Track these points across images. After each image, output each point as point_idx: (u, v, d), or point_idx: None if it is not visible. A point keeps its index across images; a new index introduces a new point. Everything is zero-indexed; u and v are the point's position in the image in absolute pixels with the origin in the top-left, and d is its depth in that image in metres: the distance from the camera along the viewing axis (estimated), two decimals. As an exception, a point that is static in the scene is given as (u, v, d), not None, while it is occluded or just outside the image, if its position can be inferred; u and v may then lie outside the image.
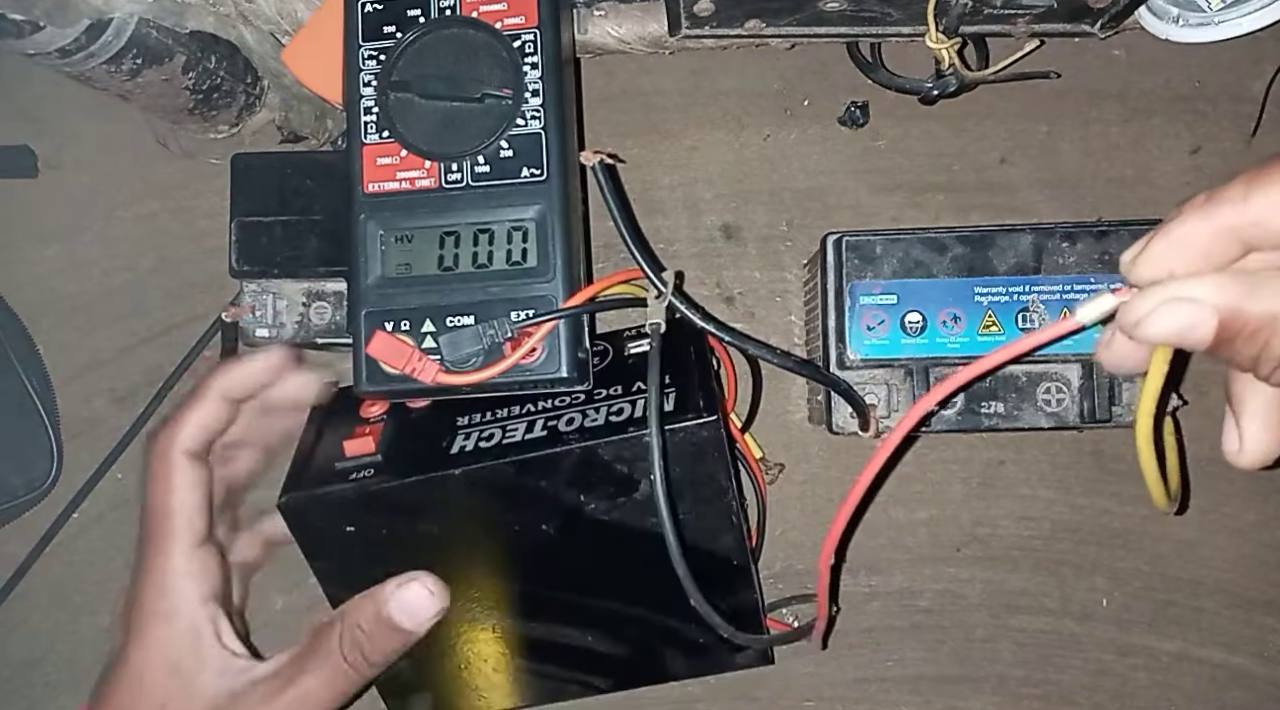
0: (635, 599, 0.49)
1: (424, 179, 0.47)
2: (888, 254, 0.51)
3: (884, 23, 0.52)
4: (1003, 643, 0.60)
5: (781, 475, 0.59)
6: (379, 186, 0.47)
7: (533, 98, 0.46)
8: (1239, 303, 0.26)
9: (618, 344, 0.52)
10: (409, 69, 0.47)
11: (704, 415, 0.43)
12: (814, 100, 0.62)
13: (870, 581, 0.60)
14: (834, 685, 0.60)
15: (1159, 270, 0.27)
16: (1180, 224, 0.27)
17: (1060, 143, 0.61)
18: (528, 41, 0.47)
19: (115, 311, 0.64)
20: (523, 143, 0.46)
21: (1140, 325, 0.27)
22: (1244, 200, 0.26)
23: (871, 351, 0.51)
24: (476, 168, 0.47)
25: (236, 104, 0.58)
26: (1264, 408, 0.29)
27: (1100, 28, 0.52)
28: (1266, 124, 0.60)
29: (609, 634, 0.51)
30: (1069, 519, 0.60)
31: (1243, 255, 0.27)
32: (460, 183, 0.47)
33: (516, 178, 0.46)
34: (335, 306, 0.55)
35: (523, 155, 0.47)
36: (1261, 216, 0.26)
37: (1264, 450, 0.30)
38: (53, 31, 0.46)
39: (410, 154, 0.47)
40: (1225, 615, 0.59)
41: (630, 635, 0.51)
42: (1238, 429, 0.30)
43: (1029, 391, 0.51)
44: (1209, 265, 0.27)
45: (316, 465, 0.46)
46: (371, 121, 0.47)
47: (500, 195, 0.46)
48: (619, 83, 0.63)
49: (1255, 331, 0.26)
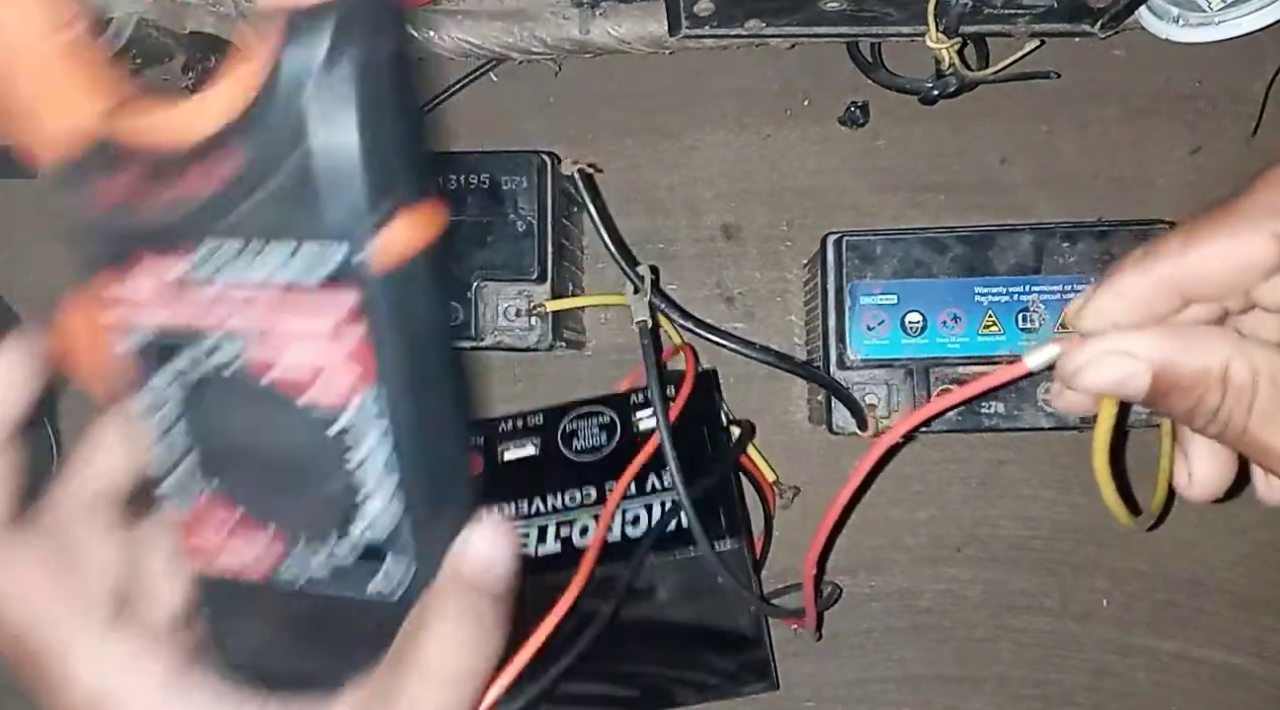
0: (650, 661, 0.50)
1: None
2: (888, 254, 0.51)
3: (884, 22, 0.51)
4: (1003, 643, 0.60)
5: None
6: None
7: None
8: (1173, 357, 0.26)
9: (624, 413, 0.49)
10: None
11: (726, 537, 0.43)
12: (814, 100, 0.62)
13: (870, 581, 0.60)
14: (834, 685, 0.60)
15: (1100, 322, 0.28)
16: (1121, 277, 0.27)
17: (1060, 143, 0.61)
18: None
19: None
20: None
21: (1077, 375, 0.27)
22: (1180, 254, 0.27)
23: (872, 351, 0.51)
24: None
25: (236, 104, 0.58)
26: (1209, 446, 0.30)
27: (1100, 27, 0.52)
28: (1267, 124, 0.60)
29: (621, 683, 0.51)
30: (1069, 519, 0.60)
31: (1183, 307, 0.28)
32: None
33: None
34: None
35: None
36: (1197, 270, 0.27)
37: (1213, 485, 0.31)
38: (52, 31, 0.46)
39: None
40: (1225, 615, 0.59)
41: (642, 683, 0.51)
42: (1187, 465, 0.31)
43: (1029, 392, 0.51)
44: (1149, 317, 0.27)
45: None
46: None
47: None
48: (619, 83, 0.63)
49: (1189, 387, 0.26)
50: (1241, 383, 0.26)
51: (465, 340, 0.54)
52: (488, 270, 0.53)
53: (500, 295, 0.54)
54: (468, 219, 0.54)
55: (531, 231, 0.53)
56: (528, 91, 0.63)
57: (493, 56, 0.57)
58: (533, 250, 0.53)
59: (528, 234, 0.53)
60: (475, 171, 0.54)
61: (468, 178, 0.54)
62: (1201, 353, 0.26)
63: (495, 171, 0.54)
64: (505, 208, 0.53)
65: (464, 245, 0.53)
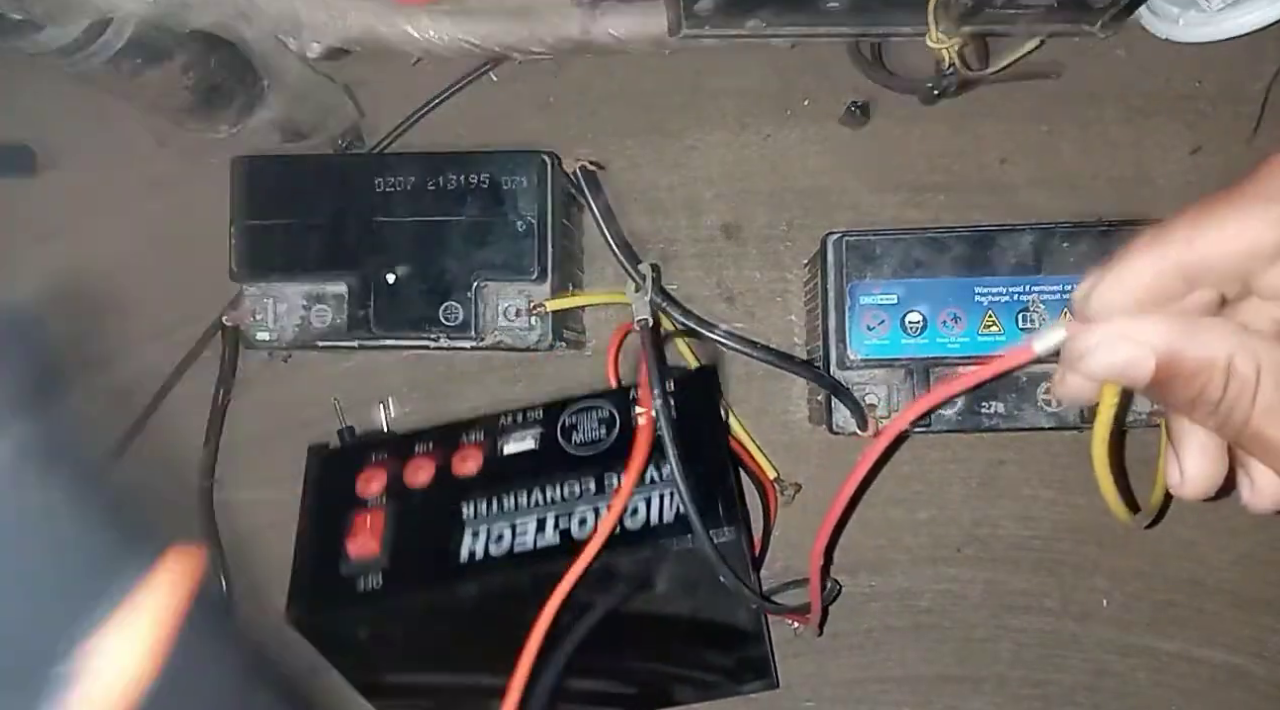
0: (649, 657, 0.50)
1: None
2: (888, 254, 0.51)
3: (885, 22, 0.51)
4: (1003, 643, 0.60)
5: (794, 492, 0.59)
6: None
7: None
8: (1178, 345, 0.26)
9: (624, 407, 0.49)
10: None
11: (724, 527, 0.42)
12: (815, 100, 0.62)
13: (870, 581, 0.60)
14: (834, 685, 0.60)
15: (1107, 305, 0.27)
16: (1127, 261, 0.27)
17: (1061, 142, 0.61)
18: None
19: (114, 311, 0.64)
20: None
21: (1083, 360, 0.27)
22: (1188, 239, 0.26)
23: (872, 351, 0.51)
24: None
25: (237, 104, 0.58)
26: (1201, 443, 0.30)
27: (1100, 27, 0.52)
28: (1267, 123, 0.60)
29: (621, 680, 0.52)
30: (1069, 519, 0.60)
31: (1189, 292, 0.27)
32: None
33: None
34: (336, 309, 0.55)
35: None
36: (1205, 254, 0.26)
37: (1204, 483, 0.30)
38: (53, 31, 0.46)
39: None
40: (1225, 615, 0.59)
41: (641, 679, 0.52)
42: (1178, 462, 0.31)
43: (1029, 391, 0.51)
44: (1155, 303, 0.27)
45: (320, 569, 0.46)
46: None
47: None
48: (619, 83, 0.63)
49: (1192, 375, 0.26)
50: (1246, 375, 0.26)
51: (465, 340, 0.54)
52: (488, 270, 0.53)
53: (500, 295, 0.54)
54: (467, 219, 0.54)
55: (532, 231, 0.53)
56: (528, 91, 0.63)
57: (493, 56, 0.57)
58: (533, 250, 0.53)
59: (528, 234, 0.53)
60: (475, 171, 0.54)
61: (468, 177, 0.54)
62: (1207, 343, 0.26)
63: (495, 171, 0.54)
64: (505, 207, 0.53)
65: (464, 245, 0.53)
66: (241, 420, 0.62)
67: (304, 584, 0.46)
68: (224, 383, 0.59)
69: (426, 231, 0.54)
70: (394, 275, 0.54)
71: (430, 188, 0.54)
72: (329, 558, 0.46)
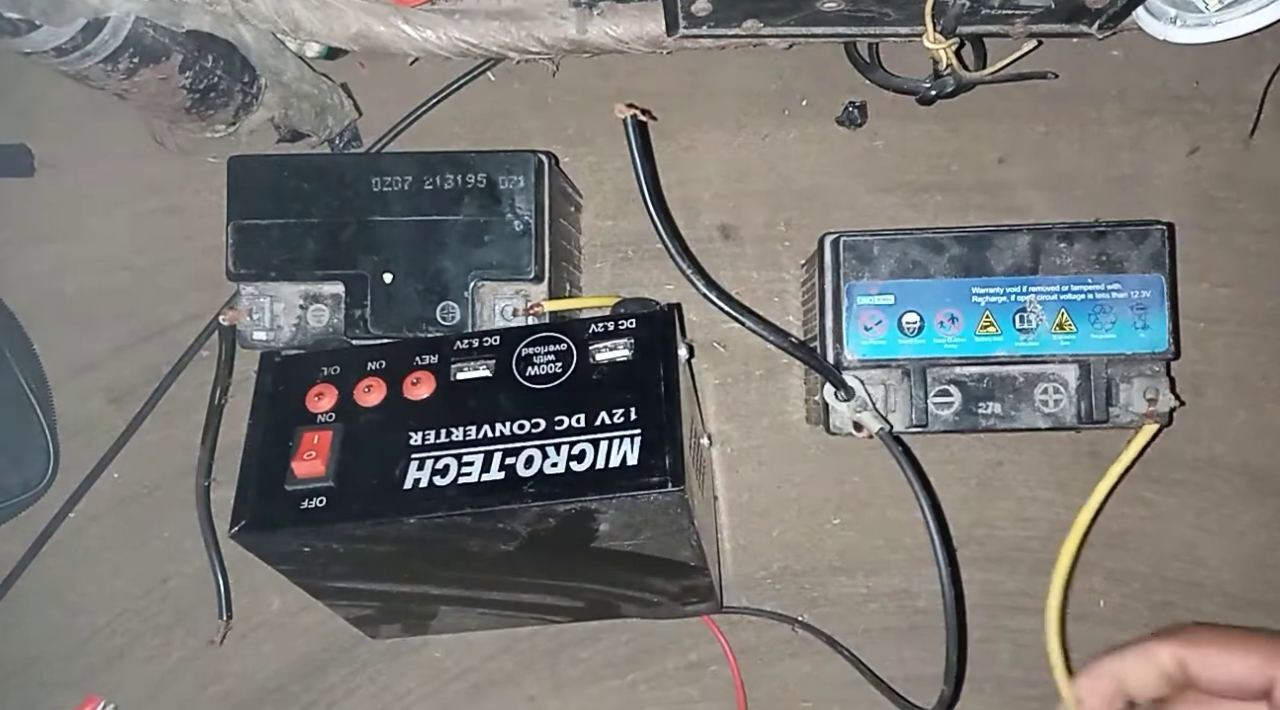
0: (593, 579, 0.51)
1: None
2: (885, 254, 0.51)
3: (882, 23, 0.51)
4: (1001, 644, 0.60)
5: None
6: None
7: None
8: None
9: (581, 341, 0.47)
10: None
11: (669, 484, 0.42)
12: (812, 100, 0.62)
13: (868, 582, 0.60)
14: (834, 685, 0.60)
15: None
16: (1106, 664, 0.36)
17: (1058, 143, 0.61)
18: None
19: (112, 311, 0.64)
20: None
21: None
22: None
23: (869, 352, 0.50)
24: None
25: (233, 103, 0.58)
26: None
27: (1098, 28, 0.52)
28: (1264, 124, 0.60)
29: (569, 596, 0.53)
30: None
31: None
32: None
33: None
34: (332, 309, 0.55)
35: None
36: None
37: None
38: (49, 30, 0.46)
39: None
40: (1222, 617, 0.59)
41: (588, 595, 0.53)
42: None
43: (1026, 392, 0.51)
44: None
45: (265, 482, 0.45)
46: None
47: None
48: (617, 83, 0.63)
49: None
50: None
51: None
52: (485, 270, 0.53)
53: (497, 295, 0.54)
54: (465, 219, 0.53)
55: (529, 231, 0.53)
56: (525, 91, 0.63)
57: (490, 56, 0.57)
58: (530, 250, 0.53)
59: (525, 234, 0.53)
60: (472, 171, 0.53)
61: (465, 177, 0.54)
62: None
63: (493, 171, 0.53)
64: (502, 207, 0.53)
65: (461, 245, 0.53)
66: (239, 420, 0.62)
67: (248, 500, 0.45)
68: (221, 383, 0.59)
69: (423, 231, 0.54)
70: (391, 275, 0.54)
71: (427, 187, 0.54)
72: (275, 474, 0.45)
